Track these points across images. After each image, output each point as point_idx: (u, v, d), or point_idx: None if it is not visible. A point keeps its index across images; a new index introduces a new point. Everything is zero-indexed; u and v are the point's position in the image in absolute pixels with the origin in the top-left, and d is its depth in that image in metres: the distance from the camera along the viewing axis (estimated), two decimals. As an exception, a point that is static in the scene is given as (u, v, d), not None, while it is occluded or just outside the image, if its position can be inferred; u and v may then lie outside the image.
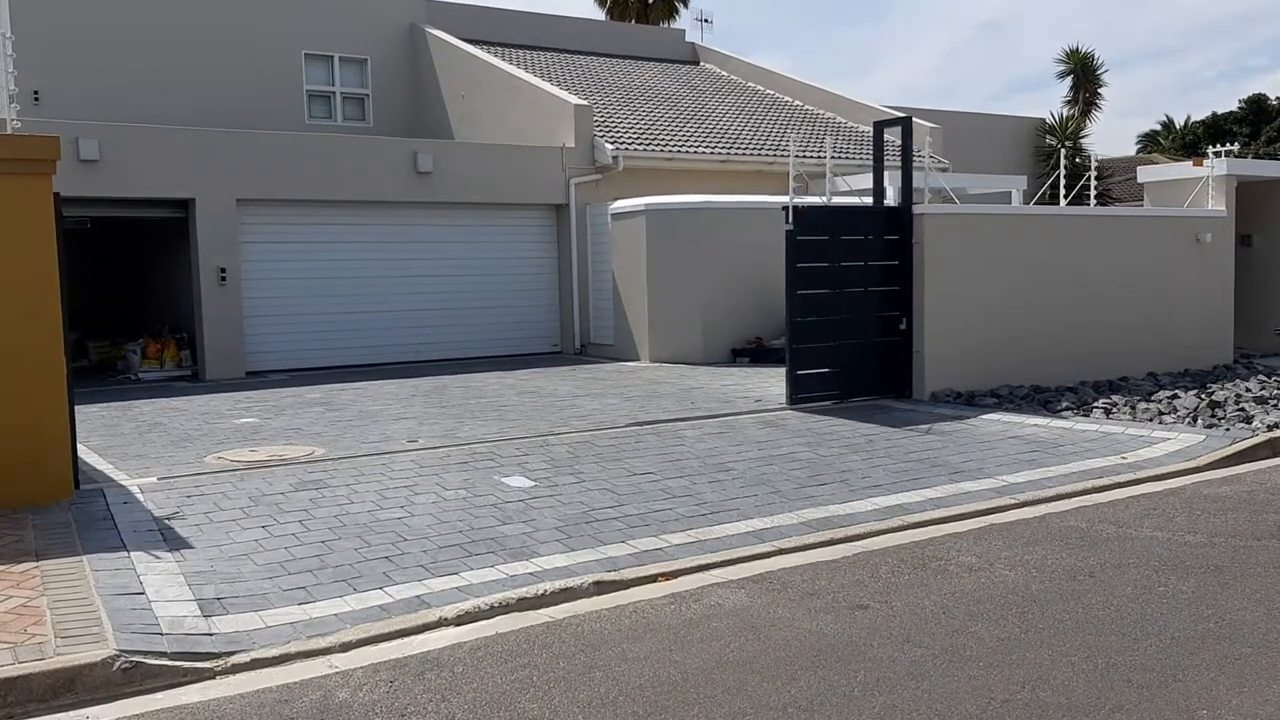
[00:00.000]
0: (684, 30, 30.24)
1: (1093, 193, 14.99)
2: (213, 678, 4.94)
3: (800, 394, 11.84)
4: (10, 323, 7.51)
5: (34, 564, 6.22)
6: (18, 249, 7.53)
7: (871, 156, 13.23)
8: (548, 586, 5.96)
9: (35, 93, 18.06)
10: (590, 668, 4.90)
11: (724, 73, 27.18)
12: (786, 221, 11.56)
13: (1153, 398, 12.06)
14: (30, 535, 6.83)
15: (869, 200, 12.98)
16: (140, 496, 7.90)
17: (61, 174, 8.07)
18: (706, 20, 33.19)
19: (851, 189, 14.58)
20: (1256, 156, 37.75)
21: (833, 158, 12.57)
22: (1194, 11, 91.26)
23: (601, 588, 6.04)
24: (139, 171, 15.02)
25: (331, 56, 22.29)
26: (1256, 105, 45.39)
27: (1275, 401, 11.71)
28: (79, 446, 8.60)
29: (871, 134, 13.38)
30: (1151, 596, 5.70)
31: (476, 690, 4.67)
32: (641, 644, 5.19)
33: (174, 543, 6.73)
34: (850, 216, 12.51)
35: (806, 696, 4.52)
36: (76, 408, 8.28)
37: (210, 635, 5.27)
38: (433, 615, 5.58)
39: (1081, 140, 28.96)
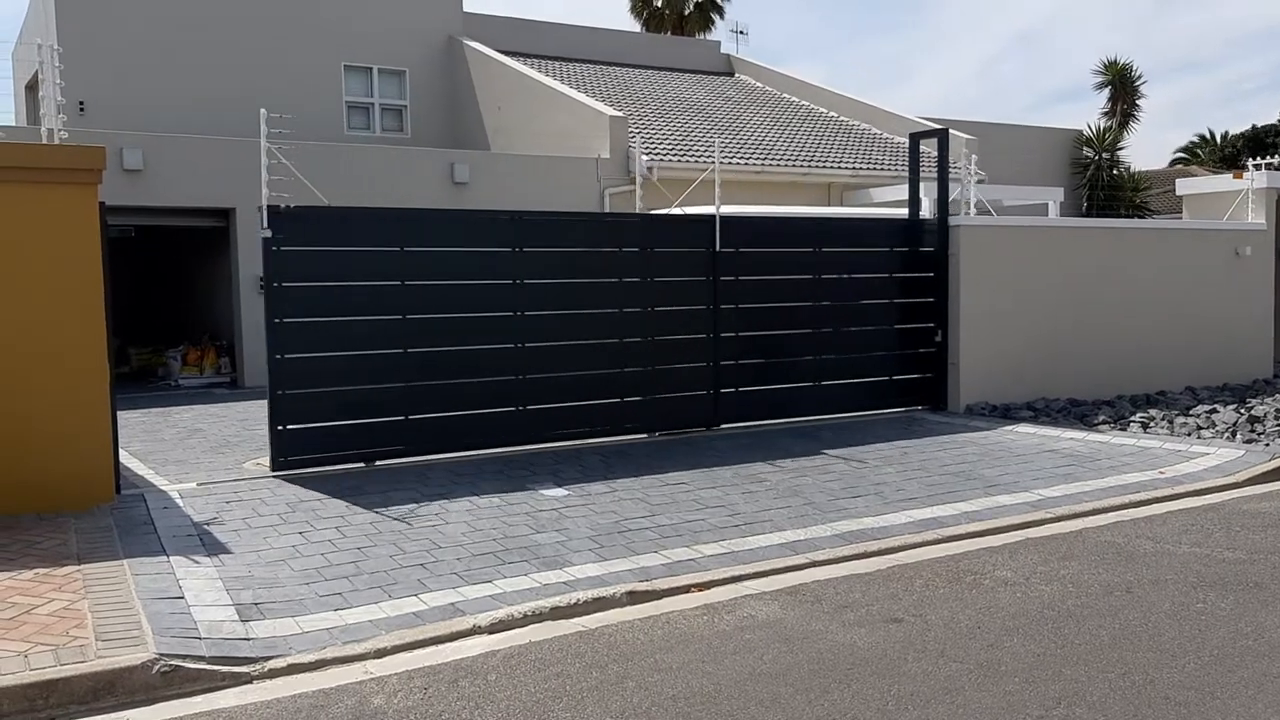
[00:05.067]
0: (719, 42, 30.34)
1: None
2: (250, 682, 5.00)
3: (289, 455, 8.91)
4: (56, 328, 7.66)
5: (76, 567, 6.33)
6: (65, 257, 7.67)
7: (907, 168, 13.15)
8: (581, 596, 5.98)
9: (81, 103, 18.38)
10: (623, 678, 4.92)
11: (759, 84, 27.20)
12: (261, 226, 8.83)
13: (1191, 412, 11.93)
14: (72, 539, 6.94)
15: (904, 211, 12.95)
16: (180, 502, 8.01)
17: (106, 183, 8.21)
18: (742, 32, 33.35)
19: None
20: (1299, 169, 37.14)
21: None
22: (1232, 23, 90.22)
23: (634, 598, 6.06)
24: (181, 181, 15.24)
25: (370, 68, 22.50)
26: (1299, 117, 44.78)
27: (1318, 417, 11.54)
28: (120, 452, 8.73)
29: (907, 146, 13.32)
30: (1189, 613, 5.64)
31: (510, 698, 4.70)
32: (674, 655, 5.20)
33: (213, 548, 6.82)
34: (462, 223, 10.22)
35: (840, 710, 4.51)
36: (118, 413, 8.40)
37: (248, 640, 5.33)
38: (467, 623, 5.61)
39: (1119, 152, 28.63)
